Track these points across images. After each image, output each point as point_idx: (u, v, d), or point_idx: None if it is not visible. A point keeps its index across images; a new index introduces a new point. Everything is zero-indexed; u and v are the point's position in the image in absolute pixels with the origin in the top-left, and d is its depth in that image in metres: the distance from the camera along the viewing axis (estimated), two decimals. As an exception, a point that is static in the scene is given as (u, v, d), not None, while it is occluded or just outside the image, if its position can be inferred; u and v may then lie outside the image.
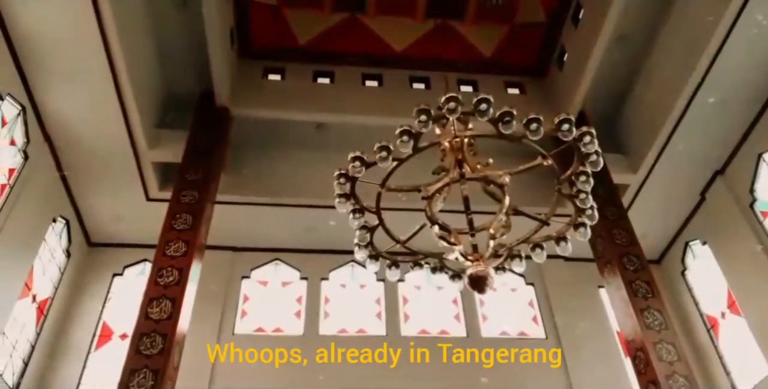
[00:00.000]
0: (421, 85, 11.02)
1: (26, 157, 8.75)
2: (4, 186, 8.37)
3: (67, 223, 10.22)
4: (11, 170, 8.53)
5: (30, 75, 8.36)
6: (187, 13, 9.25)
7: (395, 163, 3.78)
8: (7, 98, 8.17)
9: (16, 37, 7.89)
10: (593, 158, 4.05)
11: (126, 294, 10.45)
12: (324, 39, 10.96)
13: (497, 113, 3.68)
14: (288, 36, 10.88)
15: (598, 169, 4.12)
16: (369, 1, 10.79)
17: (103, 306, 10.43)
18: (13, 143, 8.54)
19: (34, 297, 9.32)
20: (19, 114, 8.49)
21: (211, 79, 9.48)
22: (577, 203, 4.28)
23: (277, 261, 11.33)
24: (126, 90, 8.64)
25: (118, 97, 8.70)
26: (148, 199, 10.24)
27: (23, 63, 8.20)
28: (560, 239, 4.37)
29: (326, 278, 11.19)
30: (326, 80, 10.88)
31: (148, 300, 7.26)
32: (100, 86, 8.54)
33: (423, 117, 3.64)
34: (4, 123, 8.23)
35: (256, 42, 10.65)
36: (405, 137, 3.62)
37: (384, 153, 3.72)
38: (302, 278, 11.16)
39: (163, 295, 7.31)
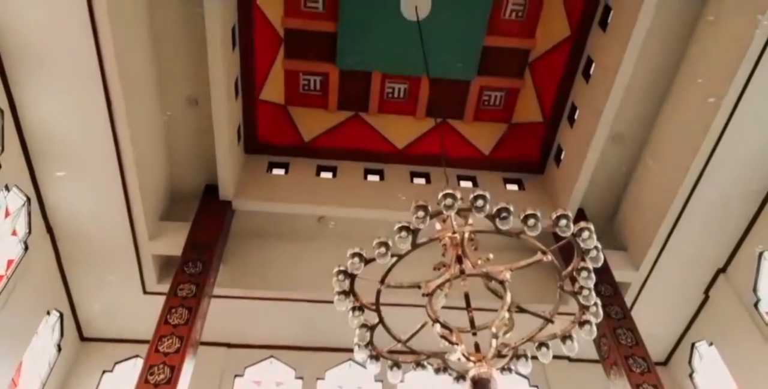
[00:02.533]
0: (422, 180, 11.20)
1: (26, 248, 8.74)
2: (0, 277, 8.29)
3: (61, 316, 10.02)
4: (10, 261, 8.49)
5: (37, 167, 8.55)
6: (198, 110, 9.60)
7: (395, 259, 3.77)
8: (14, 189, 8.30)
9: (27, 130, 8.14)
10: (593, 253, 4.05)
11: (115, 392, 10.07)
12: (328, 136, 11.30)
13: (494, 209, 3.72)
14: (293, 133, 11.22)
15: (599, 264, 4.11)
16: (372, 101, 11.23)
17: (91, 404, 10.02)
18: (14, 233, 8.57)
19: (19, 394, 8.96)
20: (23, 205, 8.59)
21: (216, 173, 9.67)
22: (581, 299, 4.23)
23: (272, 359, 10.98)
24: (132, 183, 8.79)
25: (124, 189, 8.83)
26: (145, 292, 10.11)
27: (32, 155, 8.41)
28: (566, 337, 4.28)
29: (322, 378, 10.79)
30: (329, 175, 11.08)
31: (138, 398, 6.98)
32: (106, 179, 8.70)
33: (421, 213, 3.69)
34: (7, 214, 8.30)
35: (261, 138, 10.97)
36: (403, 233, 3.64)
37: (383, 249, 3.73)
38: (297, 377, 10.76)
39: (153, 394, 7.03)
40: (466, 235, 4.04)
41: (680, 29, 9.06)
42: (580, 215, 10.61)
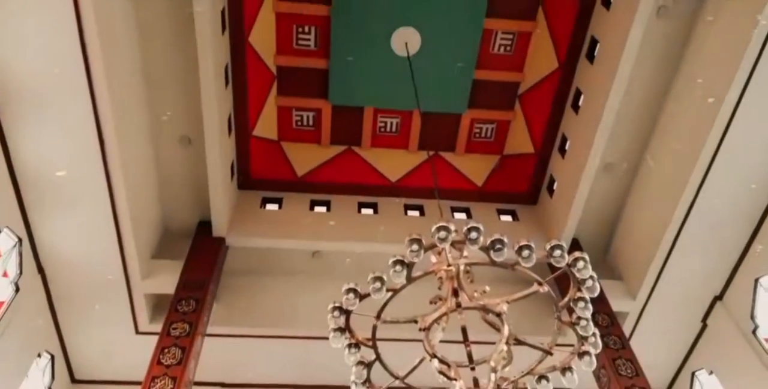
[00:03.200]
0: (416, 213, 11.21)
1: (17, 289, 8.63)
2: (-10, 320, 8.17)
3: (52, 358, 9.84)
4: (0, 303, 8.37)
5: (30, 207, 8.51)
6: (191, 148, 9.63)
7: (390, 294, 3.74)
8: (5, 230, 8.24)
9: (19, 171, 8.13)
10: (589, 283, 4.04)
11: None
12: (321, 171, 11.34)
13: (488, 241, 3.72)
14: (286, 168, 11.25)
15: (595, 294, 4.09)
16: (364, 135, 11.32)
17: (80, 450, 9.77)
18: (5, 275, 8.47)
19: (6, 443, 8.72)
20: (14, 246, 8.52)
21: (209, 209, 9.66)
22: (579, 330, 4.20)
23: (268, 398, 10.79)
24: (124, 222, 8.75)
25: (116, 229, 8.79)
26: (138, 332, 9.97)
27: (24, 196, 8.38)
28: (565, 369, 4.23)
29: (319, 417, 10.60)
30: (323, 209, 11.07)
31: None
32: (99, 218, 8.66)
33: (415, 246, 3.68)
34: (-1, 256, 8.23)
35: (255, 174, 10.99)
36: (398, 267, 3.62)
37: (378, 284, 3.71)
38: (293, 417, 10.58)
39: (145, 438, 6.86)
40: (462, 268, 4.02)
41: (667, 60, 9.23)
42: (575, 245, 10.61)
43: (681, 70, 9.21)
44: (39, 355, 9.49)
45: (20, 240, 8.56)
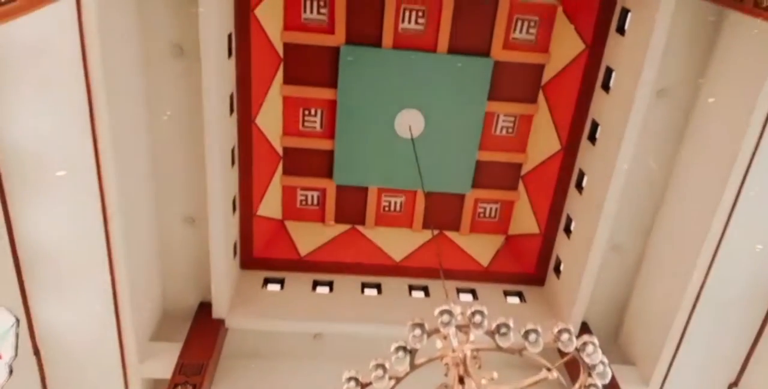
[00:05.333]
0: (421, 294, 11.02)
1: (11, 371, 8.35)
2: (-21, 405, 7.86)
3: (41, 445, 9.38)
4: (-8, 387, 8.09)
5: (29, 287, 8.39)
6: (194, 228, 9.64)
7: (393, 382, 3.58)
8: (2, 309, 8.09)
9: (21, 248, 8.08)
10: (600, 368, 3.86)
11: None
12: (324, 250, 11.27)
13: (494, 325, 3.60)
14: (290, 248, 11.20)
15: (607, 380, 3.91)
16: (369, 214, 11.34)
17: None
18: (0, 357, 8.24)
19: None
20: (12, 326, 8.33)
21: (209, 290, 9.53)
22: (591, 420, 3.97)
23: None
24: (124, 304, 8.60)
25: (115, 310, 8.62)
26: (132, 419, 9.56)
27: (24, 273, 8.29)
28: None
29: None
30: (325, 289, 10.91)
31: None
32: (98, 299, 8.52)
33: (417, 331, 3.56)
34: (-6, 336, 8.03)
35: (258, 253, 10.93)
36: (401, 354, 3.49)
37: (380, 372, 3.55)
38: None
39: None
40: (468, 353, 3.87)
41: (669, 140, 9.34)
42: (585, 329, 10.33)
43: (683, 150, 9.30)
44: (26, 443, 9.04)
45: (18, 321, 8.38)
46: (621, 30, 8.93)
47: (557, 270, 10.81)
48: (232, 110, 9.26)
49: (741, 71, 8.06)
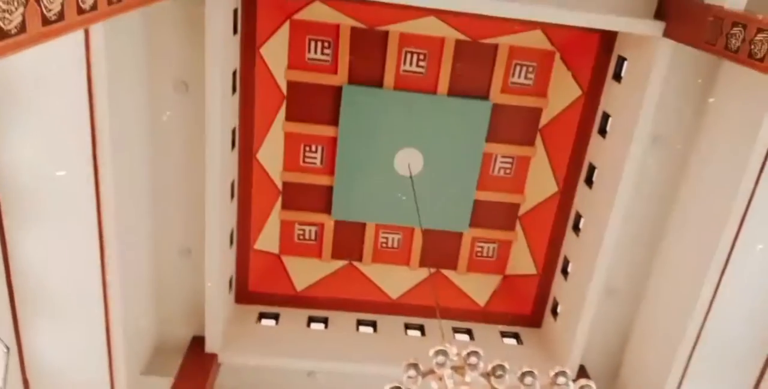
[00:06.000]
0: (417, 333, 10.94)
1: (-3, 403, 8.23)
2: (-37, 437, 7.71)
3: None
4: (-24, 420, 7.94)
5: (22, 317, 8.33)
6: (190, 261, 9.63)
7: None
8: (-5, 339, 8.02)
9: (16, 277, 8.05)
10: (598, 414, 3.85)
11: None
12: (320, 285, 11.24)
13: (489, 367, 3.60)
14: (286, 282, 11.17)
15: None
16: (366, 250, 11.35)
17: None
18: (-13, 388, 8.12)
19: None
20: (2, 356, 8.23)
21: (203, 324, 9.46)
22: None
23: None
24: (116, 336, 8.50)
25: (107, 343, 8.52)
26: (118, 457, 9.35)
27: (17, 305, 8.23)
28: None
29: None
30: (320, 326, 10.84)
31: None
32: (91, 331, 8.44)
33: (412, 372, 3.55)
34: (-17, 366, 7.93)
35: (253, 287, 10.89)
36: (395, 395, 3.48)
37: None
38: None
39: None
40: (462, 394, 3.85)
41: (665, 185, 9.44)
42: (582, 372, 10.22)
43: (680, 195, 9.38)
44: None
45: (8, 350, 8.29)
46: (617, 77, 9.14)
47: (554, 312, 10.76)
48: (234, 145, 9.37)
49: (736, 118, 8.21)
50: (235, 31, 8.62)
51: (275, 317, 10.81)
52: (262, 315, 10.81)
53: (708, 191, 8.78)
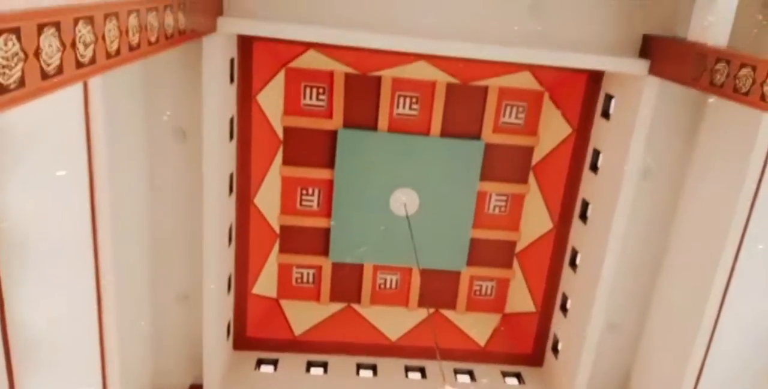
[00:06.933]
0: (417, 375, 10.79)
1: (-11, 457, 8.02)
2: None
3: None
4: None
5: (17, 367, 8.18)
6: (187, 307, 9.56)
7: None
8: (-11, 394, 7.88)
9: (11, 328, 7.96)
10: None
11: None
12: (319, 329, 11.14)
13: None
14: (284, 327, 11.08)
15: None
16: (364, 291, 11.32)
17: None
18: (-20, 443, 7.93)
19: None
20: (-5, 412, 8.08)
21: (201, 372, 9.33)
22: None
23: None
24: (113, 387, 8.38)
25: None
26: None
27: (11, 351, 8.11)
28: None
29: None
30: (320, 371, 10.69)
31: None
32: (86, 379, 8.30)
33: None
34: (-24, 422, 7.77)
35: (251, 333, 10.78)
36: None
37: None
38: None
39: None
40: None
41: (659, 218, 9.52)
42: (586, 412, 10.07)
43: (674, 228, 9.45)
44: None
45: (2, 402, 8.15)
46: (606, 114, 9.34)
47: (555, 349, 10.67)
48: (231, 190, 9.45)
49: (725, 152, 8.36)
50: (231, 79, 8.82)
51: (274, 363, 10.67)
52: (261, 361, 10.66)
53: (702, 221, 8.85)
